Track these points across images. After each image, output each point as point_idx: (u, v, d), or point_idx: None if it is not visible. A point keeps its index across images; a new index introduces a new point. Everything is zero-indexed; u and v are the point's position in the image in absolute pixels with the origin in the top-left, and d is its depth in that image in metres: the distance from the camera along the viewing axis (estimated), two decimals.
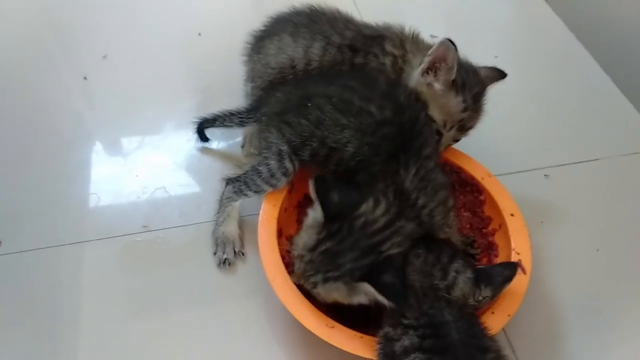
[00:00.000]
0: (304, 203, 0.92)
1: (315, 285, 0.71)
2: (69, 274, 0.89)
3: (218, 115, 1.03)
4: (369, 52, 0.90)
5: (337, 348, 0.70)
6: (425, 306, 0.66)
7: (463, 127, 0.89)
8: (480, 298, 0.69)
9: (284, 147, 0.84)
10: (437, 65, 0.83)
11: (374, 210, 0.73)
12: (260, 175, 0.86)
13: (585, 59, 1.33)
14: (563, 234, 0.97)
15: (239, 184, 0.89)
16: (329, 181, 0.74)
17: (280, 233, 0.85)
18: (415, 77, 0.86)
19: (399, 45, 0.90)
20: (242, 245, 0.93)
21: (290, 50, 0.94)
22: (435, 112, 0.86)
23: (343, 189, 0.74)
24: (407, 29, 0.92)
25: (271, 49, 0.96)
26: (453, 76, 0.83)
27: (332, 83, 0.86)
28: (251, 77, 1.03)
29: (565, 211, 1.02)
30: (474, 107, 0.87)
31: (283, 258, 0.80)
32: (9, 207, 0.97)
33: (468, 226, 0.92)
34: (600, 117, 1.21)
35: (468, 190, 0.94)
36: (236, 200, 0.91)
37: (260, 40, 1.00)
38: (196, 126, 1.05)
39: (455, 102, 0.85)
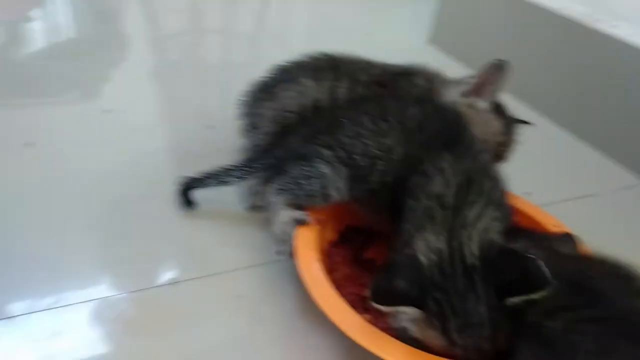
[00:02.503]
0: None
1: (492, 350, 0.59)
2: None
3: (210, 174, 0.89)
4: (398, 87, 0.90)
5: None
6: None
7: (499, 155, 0.88)
8: None
9: (326, 170, 0.77)
10: (481, 88, 0.83)
11: (427, 246, 0.63)
12: (301, 189, 0.78)
13: None
14: None
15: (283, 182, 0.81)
16: (381, 282, 0.62)
17: None
18: (453, 97, 0.86)
19: (427, 79, 0.91)
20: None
21: (313, 92, 0.91)
22: (476, 131, 0.83)
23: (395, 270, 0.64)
24: (431, 67, 0.94)
25: (290, 94, 0.93)
26: (496, 98, 0.83)
27: (364, 102, 0.83)
28: (256, 125, 0.97)
29: None
30: (509, 136, 0.88)
31: None
32: None
33: None
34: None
35: None
36: (280, 198, 0.81)
37: (270, 88, 0.97)
38: (181, 188, 0.91)
39: (496, 124, 0.85)
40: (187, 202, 0.92)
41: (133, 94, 1.29)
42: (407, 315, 0.60)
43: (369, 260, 0.84)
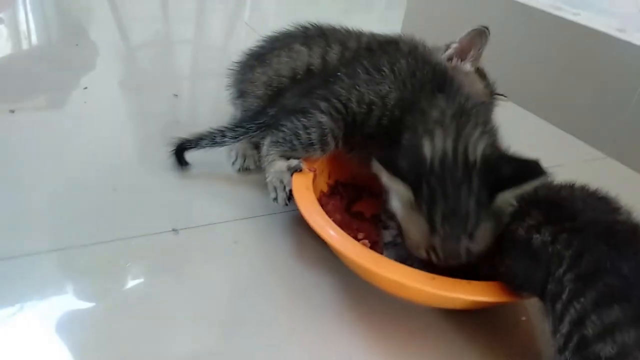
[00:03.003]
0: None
1: (469, 251, 0.64)
2: None
3: (204, 135, 0.92)
4: (386, 53, 0.95)
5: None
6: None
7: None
8: None
9: (324, 119, 0.81)
10: (463, 53, 0.89)
11: (433, 144, 0.68)
12: (299, 139, 0.82)
13: None
14: None
15: (278, 136, 0.84)
16: (387, 156, 0.68)
17: None
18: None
19: (413, 46, 0.96)
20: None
21: (305, 57, 0.95)
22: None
23: (399, 152, 0.70)
24: (416, 37, 0.99)
25: (282, 59, 0.97)
26: (479, 63, 0.90)
27: (356, 58, 0.88)
28: (246, 92, 1.01)
29: None
30: (491, 100, 0.94)
31: None
32: None
33: None
34: None
35: None
36: (274, 150, 0.84)
37: (261, 56, 1.01)
38: (174, 148, 0.93)
39: (480, 85, 0.91)
40: (180, 161, 0.94)
41: (101, 103, 1.25)
42: (399, 195, 0.65)
43: (358, 212, 0.88)
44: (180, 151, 0.93)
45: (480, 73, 0.92)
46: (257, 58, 1.02)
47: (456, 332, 0.70)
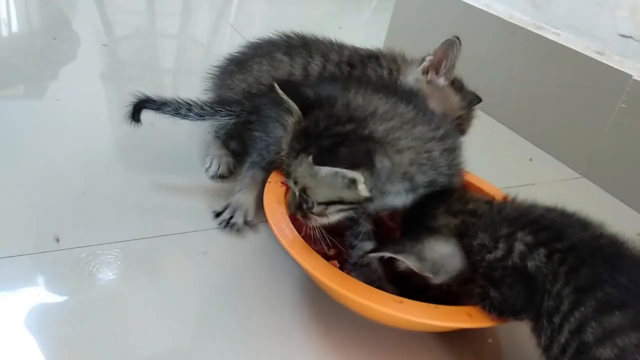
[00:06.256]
0: None
1: (293, 177, 0.65)
2: None
3: (170, 101, 0.89)
4: (367, 67, 0.95)
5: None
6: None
7: (459, 130, 0.94)
8: None
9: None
10: (438, 65, 0.89)
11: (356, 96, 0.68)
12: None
13: None
14: None
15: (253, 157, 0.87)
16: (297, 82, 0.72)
17: None
18: (413, 76, 0.92)
19: (392, 61, 0.96)
20: (254, 216, 0.86)
21: (286, 67, 0.95)
22: (435, 106, 0.88)
23: (319, 87, 0.70)
24: (396, 50, 1.00)
25: (263, 67, 0.96)
26: (453, 75, 0.90)
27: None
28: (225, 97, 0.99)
29: None
30: (467, 111, 0.95)
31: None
32: None
33: None
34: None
35: None
36: (251, 172, 0.88)
37: (242, 62, 1.00)
38: (136, 102, 0.89)
39: (456, 99, 0.92)
40: (134, 116, 0.90)
41: (82, 93, 1.23)
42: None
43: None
44: (139, 106, 0.89)
45: (456, 85, 0.92)
46: (238, 64, 1.01)
47: (424, 354, 0.71)
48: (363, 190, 0.62)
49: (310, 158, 0.61)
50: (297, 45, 0.98)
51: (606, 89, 1.18)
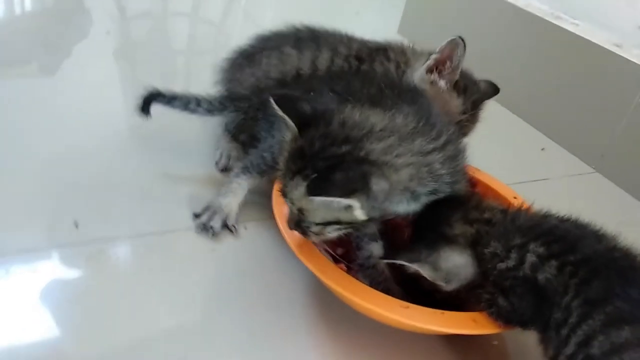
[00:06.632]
0: None
1: (289, 198, 0.63)
2: None
3: (180, 96, 0.90)
4: (375, 61, 0.93)
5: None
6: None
7: (462, 132, 0.93)
8: None
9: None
10: (442, 64, 0.87)
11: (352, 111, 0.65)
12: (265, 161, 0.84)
13: None
14: None
15: (246, 161, 0.85)
16: (293, 96, 0.68)
17: None
18: (418, 74, 0.89)
19: (401, 53, 0.94)
20: (236, 221, 0.85)
21: (294, 61, 0.94)
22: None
23: (316, 100, 0.68)
24: (405, 42, 0.98)
25: (272, 60, 0.95)
26: (457, 76, 0.88)
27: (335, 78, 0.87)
28: (233, 91, 0.98)
29: None
30: (472, 113, 0.93)
31: None
32: None
33: None
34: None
35: None
36: (243, 177, 0.85)
37: (251, 55, 0.99)
38: (145, 95, 0.89)
39: (456, 103, 0.89)
40: (144, 109, 0.90)
41: (94, 72, 1.23)
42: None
43: None
44: (149, 99, 0.90)
45: (459, 87, 0.90)
46: (247, 57, 1.00)
47: (429, 355, 0.71)
48: (360, 215, 0.61)
49: (305, 187, 0.60)
50: (306, 39, 0.96)
51: (623, 83, 1.15)
